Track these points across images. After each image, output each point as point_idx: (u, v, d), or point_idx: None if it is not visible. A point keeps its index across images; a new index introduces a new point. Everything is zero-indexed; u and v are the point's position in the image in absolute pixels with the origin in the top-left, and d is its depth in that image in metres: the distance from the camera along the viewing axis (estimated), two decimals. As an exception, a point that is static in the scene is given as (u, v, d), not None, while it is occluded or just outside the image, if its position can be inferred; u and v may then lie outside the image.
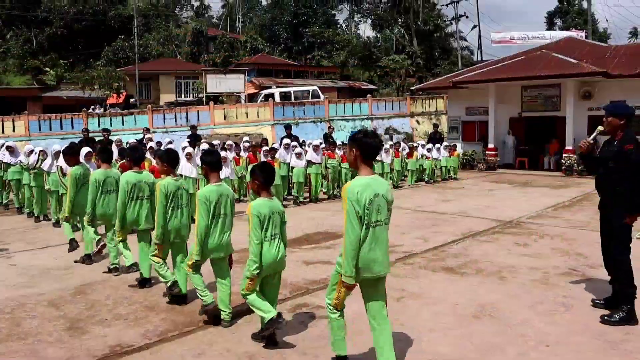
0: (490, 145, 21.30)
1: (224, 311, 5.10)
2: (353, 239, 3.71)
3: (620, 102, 5.53)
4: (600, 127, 5.34)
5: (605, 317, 5.08)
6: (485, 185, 16.56)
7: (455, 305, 5.58)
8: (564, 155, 19.33)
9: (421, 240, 8.75)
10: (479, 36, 50.81)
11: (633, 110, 5.38)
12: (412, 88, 31.91)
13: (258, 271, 4.43)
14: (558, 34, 39.13)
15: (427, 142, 19.16)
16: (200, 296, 5.17)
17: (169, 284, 5.69)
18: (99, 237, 7.17)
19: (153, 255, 5.73)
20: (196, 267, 5.14)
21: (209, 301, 5.12)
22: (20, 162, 11.35)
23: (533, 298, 5.78)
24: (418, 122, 29.71)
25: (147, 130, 15.98)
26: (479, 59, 46.90)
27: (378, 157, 14.58)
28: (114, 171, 7.09)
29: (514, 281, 6.45)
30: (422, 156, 17.54)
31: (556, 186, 15.88)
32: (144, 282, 6.31)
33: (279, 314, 4.56)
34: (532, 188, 15.52)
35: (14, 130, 23.12)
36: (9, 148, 12.00)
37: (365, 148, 3.82)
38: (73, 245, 7.75)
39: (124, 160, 10.37)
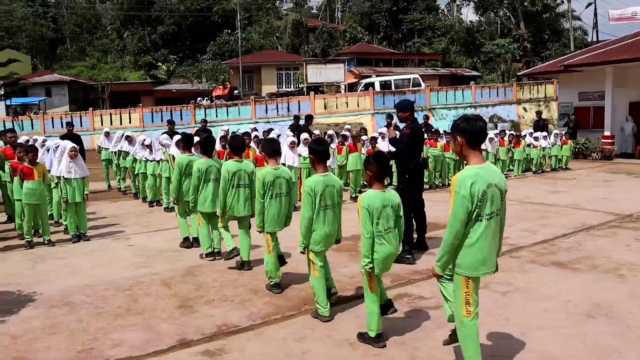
0: (607, 133, 19.77)
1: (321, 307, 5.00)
2: (455, 233, 3.52)
3: (404, 99, 7.68)
4: (392, 122, 7.90)
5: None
6: (600, 175, 15.43)
7: (566, 302, 5.26)
8: (694, 143, 17.53)
9: (528, 232, 8.33)
10: (595, 14, 47.25)
11: (411, 103, 7.28)
12: (519, 73, 30.42)
13: (371, 266, 4.31)
14: (689, 9, 35.41)
15: (534, 130, 18.17)
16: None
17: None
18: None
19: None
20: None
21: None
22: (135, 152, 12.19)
23: (657, 299, 5.31)
24: (525, 110, 28.33)
25: (205, 121, 16.32)
26: (594, 39, 43.71)
27: (483, 147, 14.03)
28: (217, 160, 7.39)
29: (635, 280, 5.96)
30: (529, 145, 16.66)
31: (684, 178, 14.44)
32: (243, 265, 6.65)
33: (388, 303, 4.62)
34: (655, 179, 14.23)
35: (130, 122, 24.99)
36: (127, 138, 12.95)
37: (469, 134, 3.59)
38: (186, 243, 8.01)
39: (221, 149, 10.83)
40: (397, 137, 7.43)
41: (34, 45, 51.63)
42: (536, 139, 16.81)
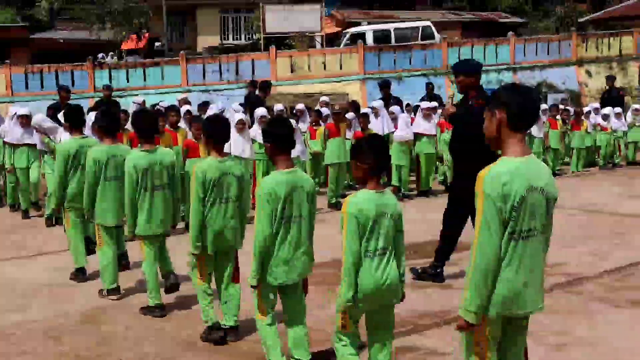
0: None
1: None
2: (489, 253, 3.50)
3: (467, 59, 7.96)
4: (450, 92, 7.48)
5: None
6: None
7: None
8: None
9: (595, 256, 8.48)
10: None
11: (479, 65, 7.75)
12: (582, 19, 30.72)
13: (351, 303, 4.31)
14: None
15: (602, 105, 18.40)
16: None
17: (208, 323, 5.86)
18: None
19: (194, 274, 5.94)
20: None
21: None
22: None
23: None
24: (589, 74, 28.59)
25: (109, 89, 16.16)
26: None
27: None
28: (123, 147, 7.34)
29: None
30: (594, 127, 16.92)
31: None
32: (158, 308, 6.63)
33: None
34: None
35: (-9, 88, 24.31)
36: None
37: (514, 110, 3.58)
38: (80, 275, 7.95)
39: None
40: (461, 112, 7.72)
41: None
42: (606, 117, 17.06)
